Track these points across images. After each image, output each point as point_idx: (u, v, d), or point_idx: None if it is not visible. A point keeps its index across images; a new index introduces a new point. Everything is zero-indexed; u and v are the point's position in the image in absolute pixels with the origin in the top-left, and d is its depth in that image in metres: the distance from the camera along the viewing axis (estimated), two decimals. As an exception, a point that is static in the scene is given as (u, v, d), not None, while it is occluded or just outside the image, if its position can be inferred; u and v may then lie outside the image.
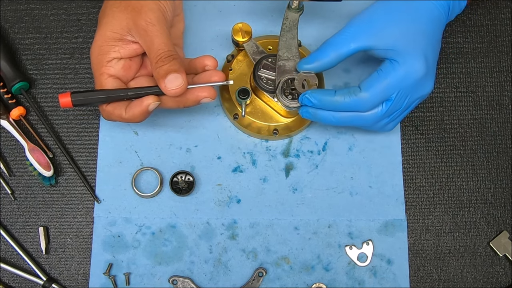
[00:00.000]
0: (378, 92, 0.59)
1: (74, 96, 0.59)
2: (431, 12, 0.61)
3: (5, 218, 0.67)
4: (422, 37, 0.60)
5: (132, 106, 0.59)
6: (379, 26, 0.60)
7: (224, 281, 0.65)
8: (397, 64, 0.59)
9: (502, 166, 0.69)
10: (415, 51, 0.59)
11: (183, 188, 0.67)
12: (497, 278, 0.66)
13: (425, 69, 0.60)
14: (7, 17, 0.72)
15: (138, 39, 0.59)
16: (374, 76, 0.60)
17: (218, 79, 0.61)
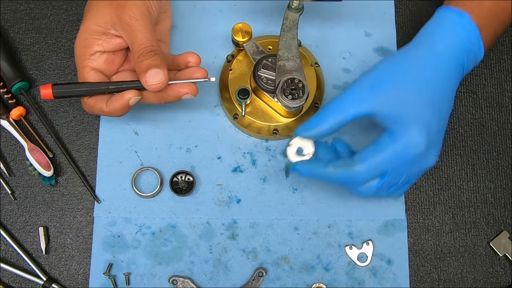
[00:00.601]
0: (372, 167, 0.56)
1: (56, 88, 0.59)
2: (441, 72, 0.57)
3: (5, 218, 0.67)
4: (427, 107, 0.56)
5: (113, 100, 0.59)
6: (381, 92, 0.56)
7: (224, 281, 0.65)
8: (396, 137, 0.56)
9: (502, 166, 0.69)
10: (417, 123, 0.56)
11: (183, 188, 0.67)
12: (497, 278, 0.66)
13: (425, 144, 0.56)
14: (7, 17, 0.72)
15: (121, 33, 0.59)
16: (369, 149, 0.56)
17: (200, 76, 0.61)
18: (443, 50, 0.58)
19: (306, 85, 0.63)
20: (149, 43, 0.58)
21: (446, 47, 0.58)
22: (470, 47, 0.59)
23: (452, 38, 0.58)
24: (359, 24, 0.72)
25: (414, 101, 0.56)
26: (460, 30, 0.58)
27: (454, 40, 0.58)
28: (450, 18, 0.58)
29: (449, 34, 0.58)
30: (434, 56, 0.57)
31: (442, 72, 0.58)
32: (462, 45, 0.58)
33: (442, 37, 0.58)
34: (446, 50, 0.58)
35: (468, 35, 0.58)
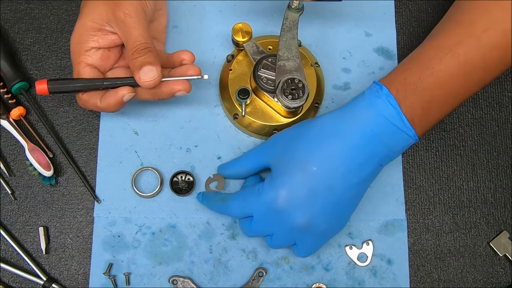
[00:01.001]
0: (238, 206, 0.61)
1: (51, 83, 0.60)
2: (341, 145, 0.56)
3: (5, 218, 0.67)
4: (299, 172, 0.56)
5: (107, 96, 0.60)
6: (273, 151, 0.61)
7: (224, 281, 0.65)
8: (262, 190, 0.58)
9: (502, 166, 0.69)
10: (281, 185, 0.57)
11: (183, 188, 0.67)
12: (497, 278, 0.66)
13: (283, 204, 0.57)
14: (7, 17, 0.72)
15: (116, 30, 0.60)
16: (241, 192, 0.62)
17: (193, 73, 0.62)
18: (353, 120, 0.57)
19: (306, 85, 0.63)
20: (143, 40, 0.59)
21: (357, 118, 0.57)
22: (388, 120, 0.56)
23: (367, 109, 0.57)
24: (359, 24, 0.72)
25: (289, 163, 0.58)
26: (377, 101, 0.57)
27: (369, 111, 0.56)
28: (372, 90, 0.58)
29: (365, 106, 0.57)
30: (340, 125, 0.57)
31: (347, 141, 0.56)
32: (377, 118, 0.56)
33: (357, 108, 0.57)
34: (356, 120, 0.57)
35: (385, 107, 0.56)
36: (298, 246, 0.61)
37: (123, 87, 0.60)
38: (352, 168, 0.57)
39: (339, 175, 0.57)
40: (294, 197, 0.57)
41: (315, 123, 0.59)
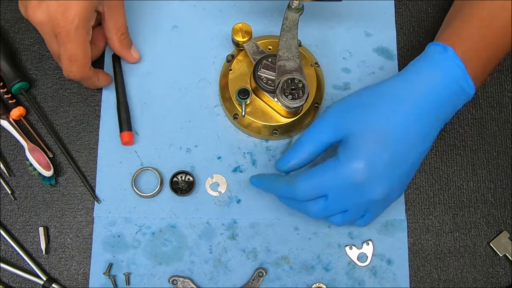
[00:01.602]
0: (310, 187, 0.57)
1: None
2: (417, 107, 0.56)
3: (5, 218, 0.67)
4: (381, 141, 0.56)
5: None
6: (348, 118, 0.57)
7: (224, 281, 0.65)
8: (338, 163, 0.56)
9: (502, 166, 0.69)
10: (362, 154, 0.55)
11: (183, 188, 0.67)
12: (497, 278, 0.66)
13: (363, 176, 0.55)
14: (7, 17, 0.72)
15: (106, 12, 0.64)
16: (313, 170, 0.58)
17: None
18: (422, 85, 0.57)
19: (306, 85, 0.63)
20: (126, 25, 0.67)
21: (425, 82, 0.57)
22: (454, 82, 0.57)
23: (434, 72, 0.57)
24: (359, 24, 0.72)
25: (367, 133, 0.56)
26: (443, 64, 0.57)
27: (436, 74, 0.57)
28: (434, 52, 0.58)
29: (431, 69, 0.57)
30: (411, 90, 0.57)
31: (415, 107, 0.56)
32: (445, 80, 0.57)
33: (424, 72, 0.57)
34: (425, 84, 0.57)
35: (452, 69, 0.57)
36: (365, 217, 0.61)
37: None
38: (424, 134, 0.57)
39: (413, 142, 0.57)
40: (374, 168, 0.56)
41: (386, 90, 0.58)
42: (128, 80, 0.70)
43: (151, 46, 0.71)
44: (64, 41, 0.59)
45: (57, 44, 0.60)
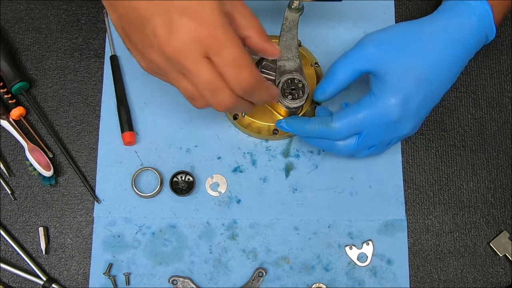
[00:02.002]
0: (347, 125, 0.59)
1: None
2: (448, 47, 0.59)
3: (5, 218, 0.67)
4: (416, 80, 0.58)
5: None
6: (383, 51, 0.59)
7: (224, 281, 0.65)
8: (374, 101, 0.58)
9: (502, 166, 0.69)
10: (397, 92, 0.58)
11: (183, 188, 0.67)
12: (497, 278, 0.66)
13: (400, 114, 0.58)
14: (7, 17, 0.72)
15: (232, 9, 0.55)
16: (348, 109, 0.60)
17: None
18: (459, 28, 0.60)
19: (306, 85, 0.63)
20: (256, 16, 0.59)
21: (461, 25, 0.60)
22: (484, 27, 0.60)
23: (471, 17, 0.60)
24: (359, 24, 0.72)
25: (405, 71, 0.58)
26: (479, 9, 0.60)
27: (472, 19, 0.60)
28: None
29: (468, 13, 0.60)
30: (449, 33, 0.59)
31: (449, 47, 0.59)
32: (479, 25, 0.60)
33: (461, 15, 0.60)
34: (461, 28, 0.60)
35: (484, 15, 0.60)
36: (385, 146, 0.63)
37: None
38: (452, 75, 0.60)
39: (443, 82, 0.60)
40: (408, 106, 0.58)
41: (425, 29, 0.59)
42: (128, 80, 0.70)
43: (151, 46, 0.71)
44: (218, 50, 0.48)
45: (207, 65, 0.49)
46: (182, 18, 0.47)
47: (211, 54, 0.48)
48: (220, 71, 0.49)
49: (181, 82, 0.51)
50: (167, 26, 0.47)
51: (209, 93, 0.51)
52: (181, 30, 0.47)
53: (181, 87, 0.52)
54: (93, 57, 0.71)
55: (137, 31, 0.49)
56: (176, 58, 0.48)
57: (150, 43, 0.49)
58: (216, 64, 0.49)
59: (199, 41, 0.47)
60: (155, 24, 0.47)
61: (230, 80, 0.50)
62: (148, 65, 0.52)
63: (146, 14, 0.48)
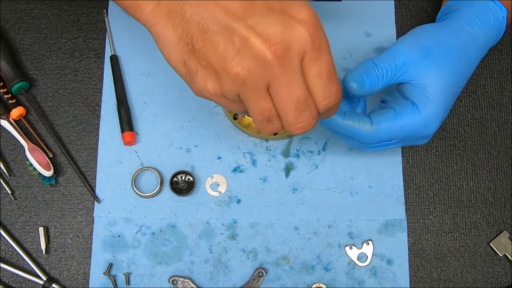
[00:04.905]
0: (386, 132, 0.57)
1: None
2: (475, 51, 0.60)
3: (5, 218, 0.67)
4: (455, 88, 0.58)
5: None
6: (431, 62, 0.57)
7: (224, 281, 0.65)
8: (417, 114, 0.56)
9: (502, 166, 0.69)
10: (440, 104, 0.57)
11: (183, 188, 0.67)
12: (497, 278, 0.66)
13: (439, 125, 0.58)
14: (7, 17, 0.72)
15: None
16: (390, 116, 0.57)
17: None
18: (481, 34, 0.60)
19: (306, 85, 0.63)
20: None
21: (484, 30, 0.60)
22: (501, 30, 0.61)
23: (490, 23, 0.60)
24: (359, 24, 0.72)
25: (449, 80, 0.57)
26: (497, 14, 0.61)
27: (488, 18, 0.60)
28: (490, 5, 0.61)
29: (487, 15, 0.61)
30: (473, 38, 0.60)
31: (476, 51, 0.60)
32: (497, 29, 0.61)
33: (483, 20, 0.60)
34: (484, 35, 0.60)
35: (497, 12, 0.61)
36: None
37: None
38: (469, 77, 0.61)
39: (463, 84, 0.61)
40: (444, 115, 0.58)
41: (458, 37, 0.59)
42: (128, 80, 0.70)
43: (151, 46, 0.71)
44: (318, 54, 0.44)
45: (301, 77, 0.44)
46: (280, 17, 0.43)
47: (308, 58, 0.44)
48: (311, 82, 0.45)
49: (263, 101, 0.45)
50: (263, 28, 0.42)
51: (298, 113, 0.45)
52: (282, 30, 0.42)
53: (261, 108, 0.45)
54: (93, 57, 0.71)
55: (215, 43, 0.44)
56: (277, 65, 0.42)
57: (237, 52, 0.43)
58: (308, 74, 0.44)
59: (303, 42, 0.43)
60: (247, 28, 0.42)
61: (318, 93, 0.45)
62: (222, 85, 0.45)
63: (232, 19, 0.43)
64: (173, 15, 0.46)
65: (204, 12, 0.44)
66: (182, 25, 0.45)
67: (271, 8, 0.43)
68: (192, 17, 0.44)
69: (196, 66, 0.46)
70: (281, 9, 0.43)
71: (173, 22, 0.46)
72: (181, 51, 0.46)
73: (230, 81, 0.44)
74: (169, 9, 0.46)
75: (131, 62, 0.70)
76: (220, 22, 0.43)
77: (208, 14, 0.44)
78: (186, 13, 0.45)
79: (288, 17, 0.43)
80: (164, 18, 0.46)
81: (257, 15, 0.43)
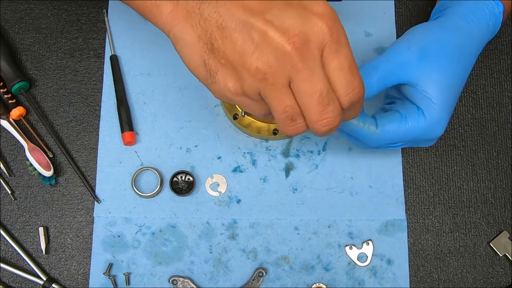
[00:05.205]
0: (391, 135, 0.57)
1: None
2: (473, 49, 0.59)
3: (5, 218, 0.67)
4: (457, 89, 0.57)
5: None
6: (429, 63, 0.56)
7: (224, 281, 0.65)
8: (422, 118, 0.56)
9: (502, 166, 0.69)
10: (444, 108, 0.56)
11: (183, 188, 0.67)
12: (497, 278, 0.66)
13: (444, 129, 0.58)
14: (7, 17, 0.72)
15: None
16: (395, 119, 0.57)
17: None
18: (478, 32, 0.59)
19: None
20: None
21: (480, 29, 0.59)
22: (494, 25, 0.61)
23: (487, 20, 0.60)
24: (359, 24, 0.72)
25: (449, 79, 0.56)
26: (494, 10, 0.60)
27: (488, 22, 0.60)
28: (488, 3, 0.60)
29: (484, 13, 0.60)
30: (471, 39, 0.59)
31: (474, 47, 0.59)
32: (493, 25, 0.60)
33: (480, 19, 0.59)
34: (481, 33, 0.59)
35: (493, 7, 0.60)
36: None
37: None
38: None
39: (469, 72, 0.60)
40: (448, 120, 0.57)
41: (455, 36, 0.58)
42: (128, 80, 0.70)
43: (151, 46, 0.71)
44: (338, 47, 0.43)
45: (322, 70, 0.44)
46: (298, 10, 0.42)
47: (328, 52, 0.43)
48: (332, 76, 0.44)
49: (285, 98, 0.44)
50: (281, 22, 0.42)
51: (321, 108, 0.44)
52: (301, 23, 0.42)
53: (283, 105, 0.45)
54: (93, 57, 0.71)
55: (234, 39, 0.43)
56: (297, 57, 0.42)
57: (257, 47, 0.43)
58: (329, 67, 0.43)
59: (322, 35, 0.42)
60: (265, 22, 0.42)
61: (341, 87, 0.44)
62: (243, 82, 0.45)
63: (251, 14, 0.43)
64: (191, 15, 0.46)
65: (222, 10, 0.44)
66: (201, 24, 0.45)
67: (289, 3, 0.43)
68: (211, 16, 0.44)
69: (216, 65, 0.46)
70: (299, 3, 0.43)
71: (191, 22, 0.46)
72: (201, 51, 0.46)
73: (250, 77, 0.44)
74: (188, 9, 0.46)
75: (131, 62, 0.70)
76: (238, 18, 0.43)
77: (226, 12, 0.44)
78: (204, 11, 0.45)
79: (306, 10, 0.43)
80: (182, 19, 0.46)
81: (275, 10, 0.43)
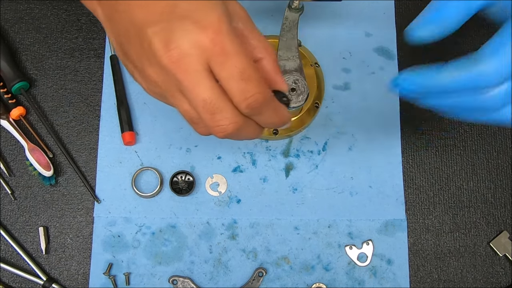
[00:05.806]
0: (504, 61, 0.43)
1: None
2: None
3: (5, 218, 0.67)
4: None
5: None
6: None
7: (224, 281, 0.65)
8: None
9: (502, 166, 0.69)
10: None
11: (183, 188, 0.67)
12: (497, 278, 0.66)
13: None
14: (7, 17, 0.72)
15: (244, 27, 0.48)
16: (498, 38, 0.43)
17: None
18: None
19: (306, 85, 0.63)
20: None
21: None
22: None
23: None
24: (359, 24, 0.72)
25: None
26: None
27: None
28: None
29: None
30: None
31: None
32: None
33: None
34: None
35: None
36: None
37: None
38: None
39: None
40: None
41: None
42: (128, 80, 0.70)
43: (151, 46, 0.71)
44: (223, 60, 0.42)
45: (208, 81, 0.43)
46: (183, 23, 0.42)
47: (214, 64, 0.42)
48: (224, 85, 0.43)
49: (182, 103, 0.45)
50: (166, 33, 0.42)
51: (209, 116, 0.44)
52: (181, 36, 0.42)
53: (182, 109, 0.46)
54: (93, 57, 0.71)
55: (135, 45, 0.44)
56: (174, 70, 0.42)
57: (147, 57, 0.43)
58: (220, 78, 0.43)
59: (202, 48, 0.42)
60: (153, 33, 0.42)
61: (235, 95, 0.43)
62: (148, 85, 0.46)
63: (143, 24, 0.43)
64: (109, 18, 0.46)
65: (126, 15, 0.44)
66: (115, 26, 0.46)
67: (184, 15, 0.43)
68: (120, 18, 0.45)
69: (130, 67, 0.47)
70: (187, 15, 0.43)
71: (109, 27, 0.47)
72: (120, 52, 0.47)
73: (150, 84, 0.45)
74: (109, 11, 0.46)
75: (131, 62, 0.70)
76: (136, 26, 0.43)
77: (128, 17, 0.44)
78: (115, 15, 0.45)
79: (195, 23, 0.42)
80: (107, 20, 0.47)
81: (164, 21, 0.43)
